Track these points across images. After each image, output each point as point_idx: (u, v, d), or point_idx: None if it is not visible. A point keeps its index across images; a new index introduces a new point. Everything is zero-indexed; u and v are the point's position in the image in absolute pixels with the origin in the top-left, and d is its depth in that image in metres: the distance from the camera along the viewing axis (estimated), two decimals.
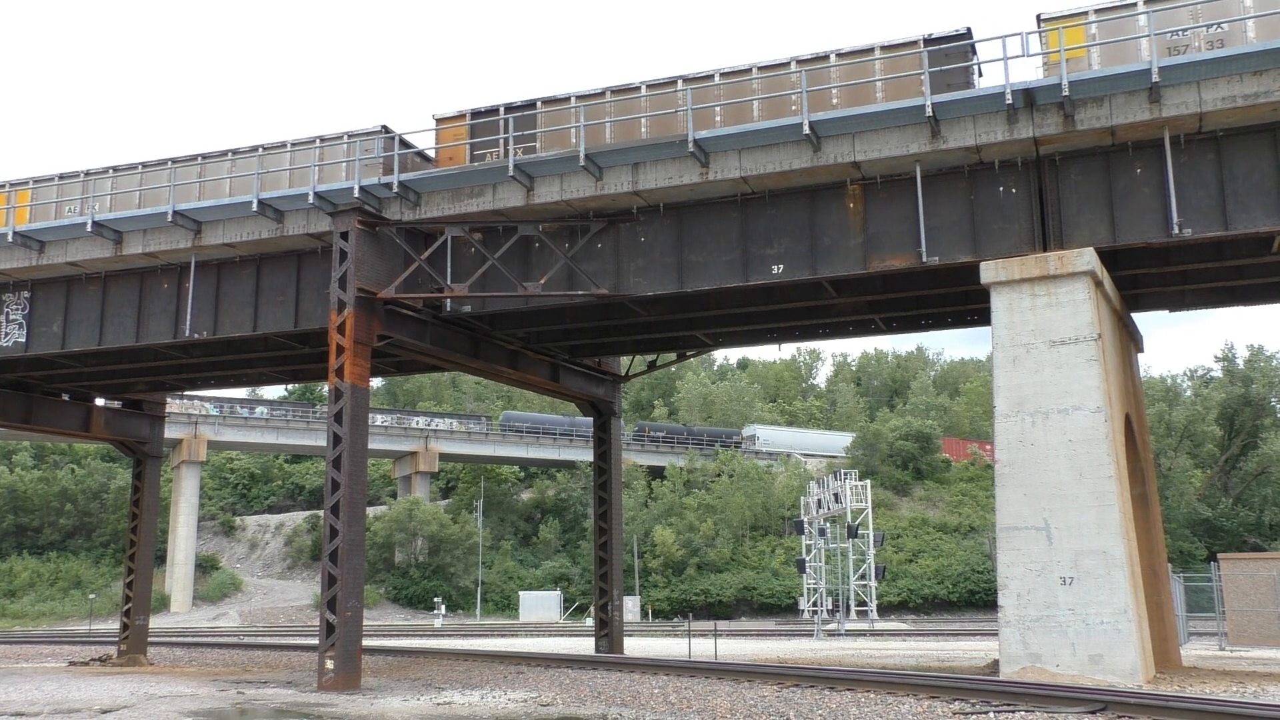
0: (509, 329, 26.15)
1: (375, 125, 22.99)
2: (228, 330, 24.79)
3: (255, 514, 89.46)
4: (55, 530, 76.49)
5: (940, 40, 19.45)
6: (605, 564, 30.27)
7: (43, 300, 26.76)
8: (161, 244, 24.43)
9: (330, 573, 21.10)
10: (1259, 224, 18.01)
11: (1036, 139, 18.62)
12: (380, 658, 28.48)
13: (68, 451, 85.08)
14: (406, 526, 74.38)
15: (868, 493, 55.40)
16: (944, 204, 19.75)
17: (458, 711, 16.91)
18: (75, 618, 66.48)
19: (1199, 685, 18.25)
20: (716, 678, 19.40)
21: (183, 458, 72.30)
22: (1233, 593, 34.18)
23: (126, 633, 32.58)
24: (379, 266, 22.44)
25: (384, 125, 22.89)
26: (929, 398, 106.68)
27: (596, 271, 22.03)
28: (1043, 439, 18.41)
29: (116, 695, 19.87)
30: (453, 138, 22.78)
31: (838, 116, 19.12)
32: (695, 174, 20.46)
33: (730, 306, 24.43)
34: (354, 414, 21.66)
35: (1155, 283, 23.14)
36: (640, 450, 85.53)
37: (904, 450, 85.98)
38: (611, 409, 31.44)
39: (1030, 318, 18.84)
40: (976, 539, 74.10)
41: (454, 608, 71.07)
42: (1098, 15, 18.62)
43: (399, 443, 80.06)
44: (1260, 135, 18.08)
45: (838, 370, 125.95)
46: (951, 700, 15.09)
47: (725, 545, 74.10)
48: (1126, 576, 17.53)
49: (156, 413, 35.05)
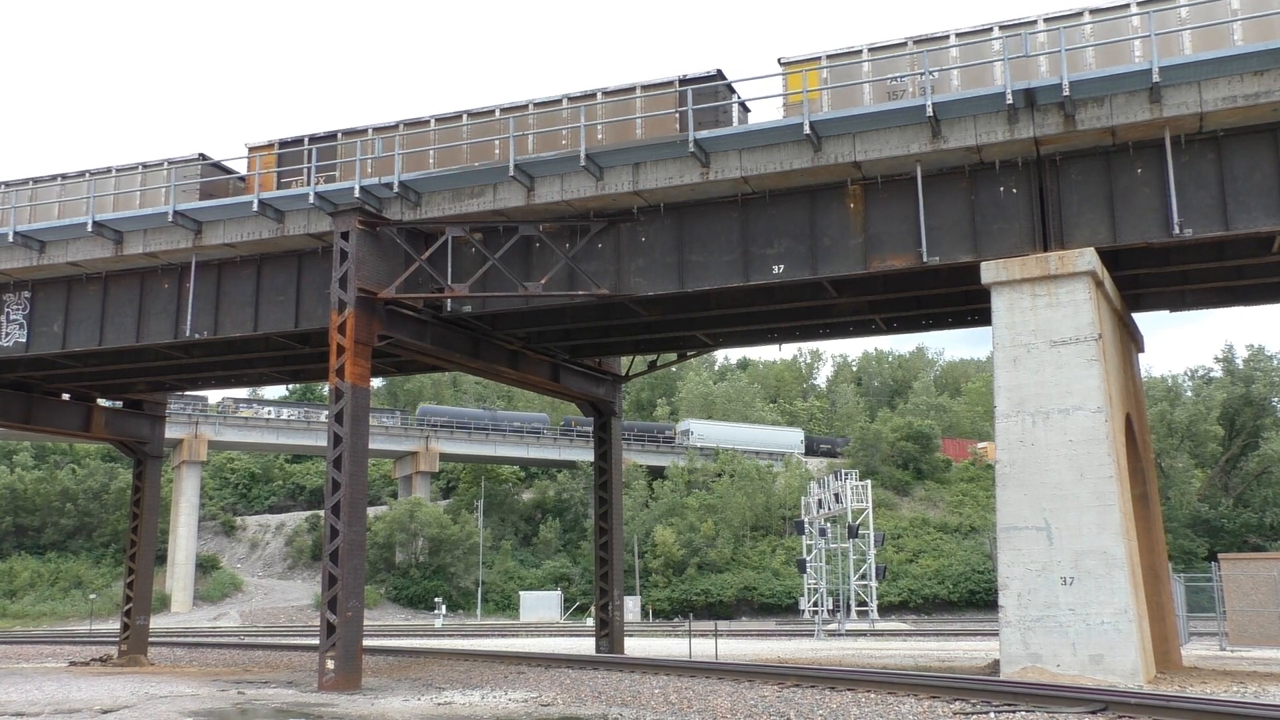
0: (509, 329, 26.15)
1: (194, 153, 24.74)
2: (228, 330, 24.79)
3: (256, 514, 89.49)
4: (56, 530, 76.49)
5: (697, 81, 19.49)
6: (606, 564, 30.26)
7: (43, 300, 26.76)
8: (162, 244, 24.44)
9: (331, 573, 21.09)
10: (1259, 224, 18.00)
11: (1037, 139, 18.61)
12: (381, 658, 28.48)
13: (68, 451, 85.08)
14: (407, 527, 74.39)
15: (868, 493, 55.39)
16: (944, 204, 19.75)
17: (458, 711, 16.91)
18: (76, 618, 66.49)
19: (1200, 685, 18.24)
20: (717, 678, 19.39)
21: (183, 458, 72.33)
22: (1233, 593, 34.17)
23: (127, 633, 32.58)
24: (379, 266, 22.44)
25: (201, 153, 24.58)
26: (929, 398, 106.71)
27: (597, 271, 22.03)
28: (1043, 439, 18.40)
29: (117, 695, 19.87)
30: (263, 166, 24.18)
31: (838, 116, 19.13)
32: (696, 174, 20.46)
33: (731, 306, 24.42)
34: (354, 414, 21.66)
35: (1156, 283, 23.13)
36: (641, 450, 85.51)
37: (904, 450, 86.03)
38: (612, 409, 31.43)
39: (1031, 318, 18.83)
40: (977, 539, 74.11)
41: (454, 608, 71.07)
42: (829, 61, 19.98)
43: (399, 443, 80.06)
44: (1261, 135, 18.07)
45: (838, 370, 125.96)
46: (952, 700, 15.09)
47: (726, 545, 74.11)
48: (1127, 576, 17.52)
49: (157, 413, 35.05)
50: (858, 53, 20.06)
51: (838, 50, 20.20)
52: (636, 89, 21.38)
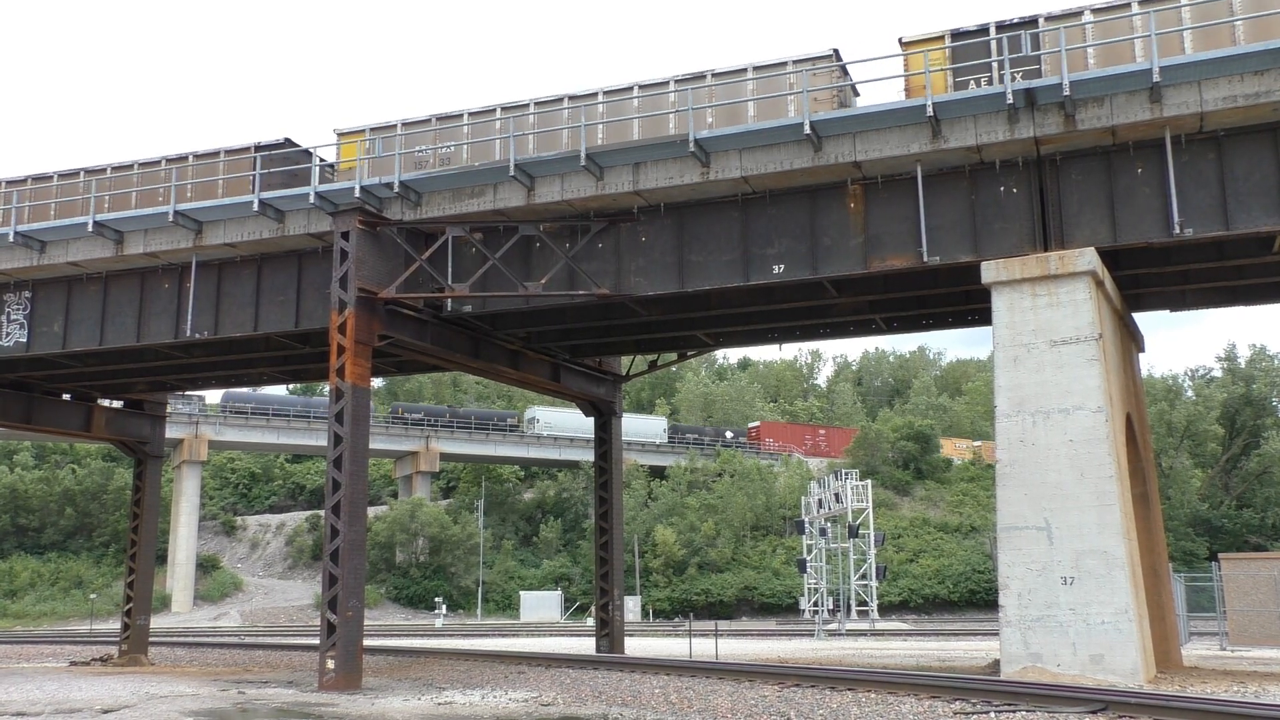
0: (509, 329, 26.14)
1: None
2: (229, 330, 24.79)
3: (256, 514, 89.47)
4: (56, 530, 76.47)
5: None
6: (606, 564, 30.27)
7: (44, 300, 26.76)
8: (162, 244, 24.44)
9: (331, 573, 21.10)
10: (1260, 224, 17.99)
11: (1037, 139, 18.60)
12: (381, 657, 28.47)
13: (68, 451, 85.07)
14: (407, 526, 74.40)
15: (868, 492, 55.38)
16: (945, 204, 19.74)
17: (458, 711, 16.91)
18: (76, 618, 66.49)
19: (1200, 685, 18.24)
20: (717, 678, 19.38)
21: (184, 457, 72.31)
22: (1233, 593, 34.18)
23: (127, 633, 32.59)
24: (380, 266, 22.44)
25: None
26: (930, 398, 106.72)
27: (597, 271, 22.03)
28: (1044, 439, 18.40)
29: (118, 695, 19.88)
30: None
31: (838, 116, 19.13)
32: (696, 174, 20.45)
33: (731, 306, 24.42)
34: (355, 414, 21.67)
35: (1156, 283, 23.12)
36: (641, 451, 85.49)
37: (904, 450, 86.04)
38: (612, 409, 31.43)
39: (1031, 317, 18.83)
40: (977, 539, 74.12)
41: (455, 608, 71.07)
42: None
43: (400, 442, 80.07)
44: (1261, 135, 18.07)
45: (838, 370, 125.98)
46: (952, 700, 15.09)
47: (726, 545, 74.11)
48: (1127, 576, 17.52)
49: (157, 413, 35.06)
50: None
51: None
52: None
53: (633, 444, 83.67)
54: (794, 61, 20.31)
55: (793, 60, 20.36)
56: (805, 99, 19.28)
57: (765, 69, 20.63)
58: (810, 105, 19.39)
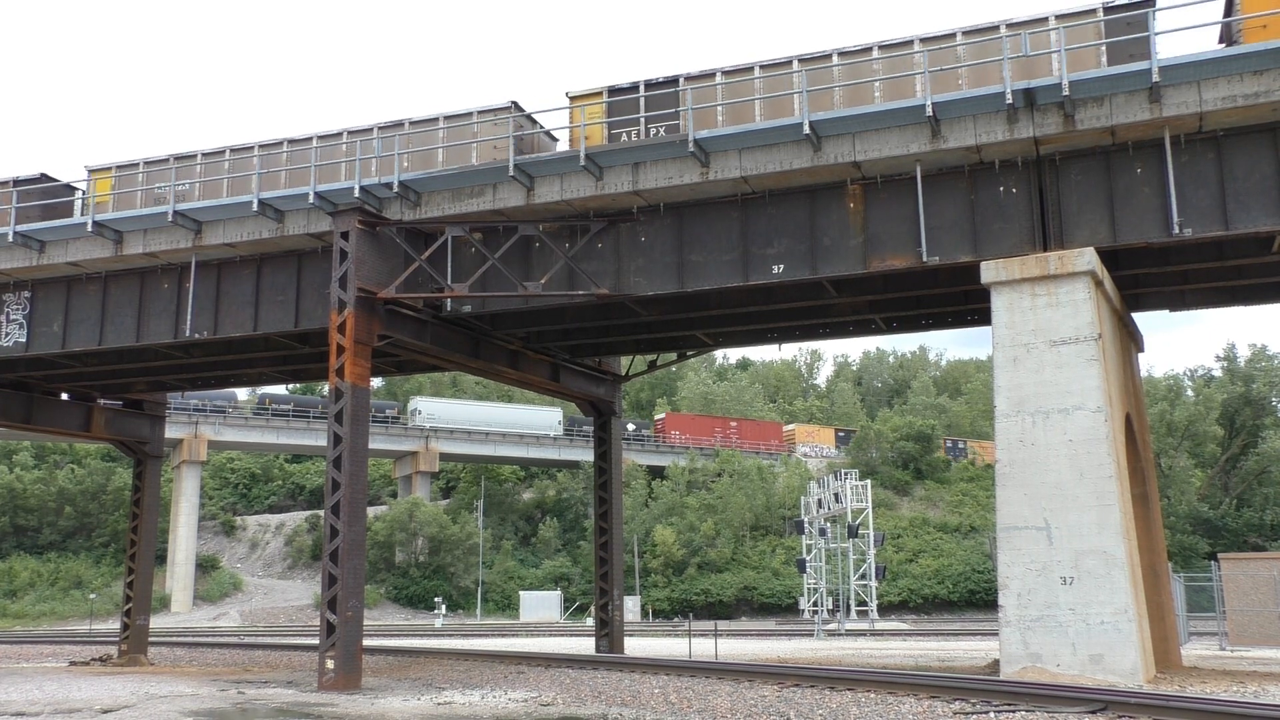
0: (509, 329, 26.15)
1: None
2: (228, 330, 24.79)
3: (256, 514, 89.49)
4: (55, 530, 76.48)
5: None
6: (605, 564, 30.26)
7: (43, 300, 26.76)
8: (162, 244, 24.43)
9: (331, 573, 21.09)
10: (1259, 224, 17.99)
11: (1037, 139, 18.60)
12: (381, 657, 28.48)
13: (68, 451, 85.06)
14: (407, 526, 74.41)
15: (868, 493, 55.43)
16: (944, 204, 19.75)
17: (458, 711, 16.91)
18: (75, 618, 66.49)
19: (1199, 685, 18.25)
20: (717, 678, 19.39)
21: (183, 457, 72.33)
22: (1233, 593, 34.18)
23: (127, 633, 32.58)
24: (379, 266, 22.44)
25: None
26: (929, 398, 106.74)
27: (597, 271, 22.03)
28: (1043, 439, 18.40)
29: (117, 695, 19.87)
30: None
31: (838, 116, 19.12)
32: (696, 174, 20.45)
33: (730, 306, 24.42)
34: (354, 414, 21.67)
35: (1156, 283, 23.13)
36: (641, 450, 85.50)
37: (904, 450, 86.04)
38: (612, 409, 31.44)
39: (1031, 317, 18.83)
40: (977, 539, 74.15)
41: (454, 607, 71.09)
42: None
43: (399, 442, 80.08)
44: (1261, 135, 18.07)
45: (838, 370, 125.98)
46: (952, 700, 15.09)
47: (726, 545, 74.13)
48: (1127, 576, 17.53)
49: (157, 412, 35.05)
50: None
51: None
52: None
53: (525, 436, 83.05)
54: (481, 111, 22.03)
55: (478, 111, 22.11)
56: (805, 99, 19.29)
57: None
58: (490, 153, 20.97)
